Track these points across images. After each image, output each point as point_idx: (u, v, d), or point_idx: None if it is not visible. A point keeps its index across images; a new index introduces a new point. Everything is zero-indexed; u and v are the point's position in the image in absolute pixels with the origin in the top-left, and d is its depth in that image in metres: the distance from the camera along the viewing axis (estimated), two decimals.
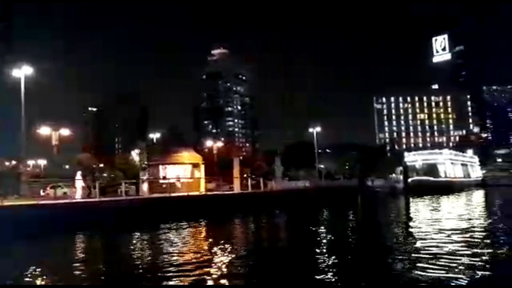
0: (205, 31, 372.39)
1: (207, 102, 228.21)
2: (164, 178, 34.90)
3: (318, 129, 71.87)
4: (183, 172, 35.36)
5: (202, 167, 36.78)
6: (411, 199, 47.36)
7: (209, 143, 40.77)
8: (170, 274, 11.44)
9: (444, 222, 24.15)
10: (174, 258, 14.12)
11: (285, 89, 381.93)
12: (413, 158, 64.53)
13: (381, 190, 56.86)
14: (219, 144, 41.77)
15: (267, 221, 27.63)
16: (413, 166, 62.37)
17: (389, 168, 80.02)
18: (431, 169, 61.46)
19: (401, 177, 66.72)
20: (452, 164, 68.09)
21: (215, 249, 15.33)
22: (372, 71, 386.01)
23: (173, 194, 31.04)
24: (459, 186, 66.38)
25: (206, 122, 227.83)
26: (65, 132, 29.85)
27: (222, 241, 17.04)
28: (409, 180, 59.04)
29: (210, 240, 18.87)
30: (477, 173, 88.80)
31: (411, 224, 24.21)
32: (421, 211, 33.38)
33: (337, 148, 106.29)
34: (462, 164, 75.90)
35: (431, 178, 58.97)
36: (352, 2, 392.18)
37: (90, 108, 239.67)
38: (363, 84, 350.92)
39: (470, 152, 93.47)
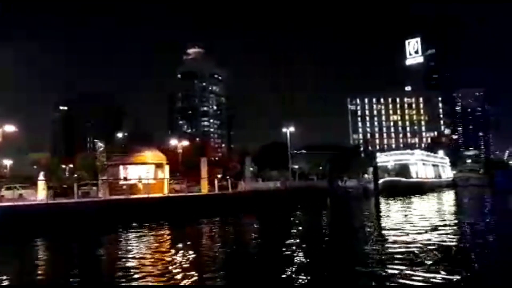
0: (181, 30, 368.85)
1: (182, 102, 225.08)
2: (125, 179, 33.08)
3: (292, 129, 70.99)
4: (145, 172, 33.57)
5: (167, 167, 35.07)
6: (382, 200, 47.06)
7: (173, 142, 38.60)
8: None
9: (411, 223, 23.64)
10: (121, 264, 13.12)
11: (262, 89, 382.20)
12: (385, 159, 64.33)
13: (353, 190, 56.30)
14: (185, 143, 39.67)
15: (231, 224, 26.25)
16: (385, 167, 62.18)
17: (362, 168, 79.88)
18: (403, 169, 61.44)
19: (369, 177, 66.71)
20: (423, 164, 68.44)
21: (168, 255, 14.37)
22: (348, 72, 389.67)
23: (133, 196, 29.49)
24: (430, 187, 66.81)
25: (181, 122, 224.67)
26: (10, 128, 27.59)
27: (178, 247, 16.06)
28: (381, 180, 58.81)
29: (166, 245, 17.74)
30: (447, 173, 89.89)
31: (376, 225, 23.63)
32: (388, 212, 32.88)
33: (311, 148, 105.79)
34: (434, 165, 76.50)
35: (403, 179, 58.95)
36: (328, 2, 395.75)
37: (61, 108, 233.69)
38: (338, 84, 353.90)
39: (441, 153, 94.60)
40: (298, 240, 18.28)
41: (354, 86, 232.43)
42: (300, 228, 24.66)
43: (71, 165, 52.32)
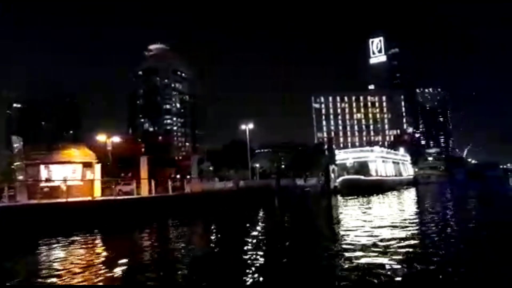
0: (145, 29, 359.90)
1: (143, 99, 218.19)
2: (48, 180, 28.91)
3: (251, 126, 68.36)
4: (71, 173, 29.53)
5: (97, 167, 31.06)
6: (340, 199, 45.10)
7: (101, 137, 34.52)
8: None
9: (357, 221, 21.79)
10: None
11: (227, 88, 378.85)
12: (344, 156, 62.10)
13: (311, 189, 54.04)
14: (115, 139, 35.64)
15: (163, 231, 23.04)
16: (343, 165, 60.09)
17: (324, 166, 78.26)
18: (362, 167, 59.42)
19: (333, 175, 64.60)
20: (383, 162, 66.79)
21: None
22: (313, 71, 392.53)
23: (57, 200, 25.60)
24: (390, 185, 65.34)
25: (142, 120, 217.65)
26: None
27: (99, 260, 14.12)
28: (340, 179, 56.67)
29: (88, 258, 14.81)
30: (409, 171, 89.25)
31: (324, 225, 21.96)
32: (339, 210, 30.79)
33: (274, 147, 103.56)
34: (394, 162, 75.17)
35: (362, 177, 56.92)
36: (296, 3, 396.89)
37: (14, 105, 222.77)
38: (303, 83, 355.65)
39: (402, 150, 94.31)
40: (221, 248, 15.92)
41: (319, 85, 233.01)
42: (233, 232, 21.73)
43: None
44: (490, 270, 10.83)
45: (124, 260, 13.34)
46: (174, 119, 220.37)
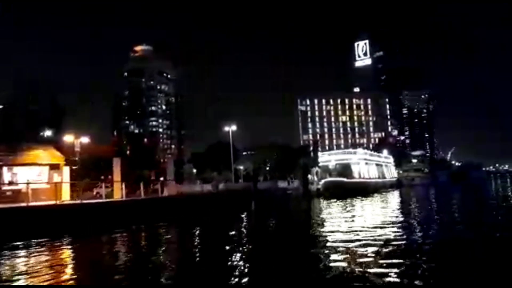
0: (129, 29, 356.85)
1: (128, 101, 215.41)
2: (11, 183, 27.47)
3: (234, 127, 67.48)
4: (37, 175, 28.10)
5: (66, 169, 29.66)
6: (322, 201, 44.34)
7: (68, 138, 33.05)
8: None
9: (336, 227, 20.88)
10: None
11: (212, 89, 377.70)
12: (327, 158, 61.52)
13: (294, 192, 53.14)
14: (84, 139, 34.08)
15: (131, 237, 21.84)
16: (326, 167, 59.48)
17: (302, 169, 77.82)
18: (345, 169, 58.90)
19: (316, 178, 63.98)
20: (366, 164, 66.41)
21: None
22: (299, 74, 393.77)
23: (18, 205, 24.23)
24: (374, 187, 64.99)
25: (127, 122, 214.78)
26: None
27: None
28: (322, 181, 56.09)
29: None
30: (392, 173, 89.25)
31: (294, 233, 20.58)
32: (319, 213, 29.97)
33: (259, 148, 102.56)
34: (377, 165, 74.98)
35: (345, 179, 56.41)
36: (284, 3, 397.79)
37: None
38: (290, 86, 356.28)
39: (385, 152, 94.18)
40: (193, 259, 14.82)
41: (305, 88, 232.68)
42: (205, 239, 20.73)
43: None
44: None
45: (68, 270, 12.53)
46: (160, 120, 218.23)
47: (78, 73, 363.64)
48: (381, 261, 12.03)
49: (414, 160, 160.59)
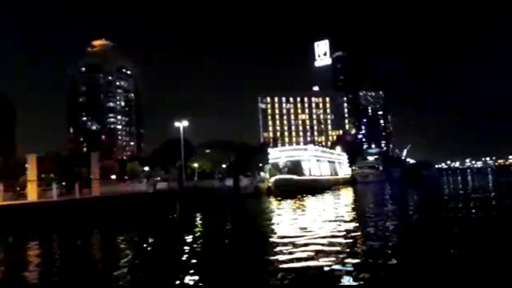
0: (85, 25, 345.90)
1: (85, 97, 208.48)
2: None
3: (185, 123, 66.39)
4: None
5: None
6: (271, 200, 43.91)
7: None
8: None
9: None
10: None
11: (171, 86, 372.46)
12: (277, 155, 61.53)
13: (242, 190, 52.44)
14: None
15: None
16: (276, 164, 59.59)
17: (261, 166, 77.84)
18: (295, 166, 59.12)
19: (267, 175, 64.06)
20: (317, 161, 67.10)
21: None
22: (261, 73, 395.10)
23: None
24: (325, 184, 65.52)
25: (84, 118, 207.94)
26: None
27: None
28: (272, 179, 56.13)
29: None
30: (345, 170, 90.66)
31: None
32: (258, 214, 29.55)
33: (214, 145, 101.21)
34: (330, 161, 75.95)
35: (295, 177, 56.53)
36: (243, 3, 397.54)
37: None
38: (252, 84, 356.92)
39: (338, 149, 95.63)
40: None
41: (267, 86, 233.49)
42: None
43: None
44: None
45: None
46: (119, 117, 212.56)
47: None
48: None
49: (370, 158, 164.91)
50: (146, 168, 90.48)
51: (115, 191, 39.11)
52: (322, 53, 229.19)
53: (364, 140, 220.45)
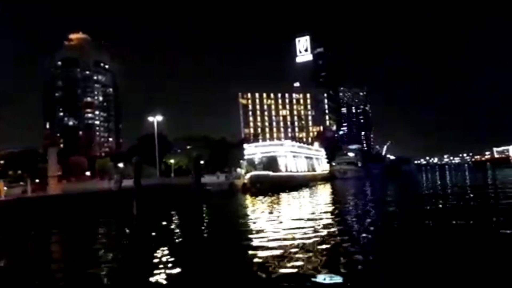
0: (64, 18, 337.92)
1: (62, 92, 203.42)
2: None
3: (159, 117, 64.79)
4: None
5: None
6: (246, 198, 42.84)
7: None
8: None
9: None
10: None
11: (157, 85, 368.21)
12: (253, 151, 60.30)
13: (215, 187, 51.08)
14: None
15: None
16: (251, 160, 58.49)
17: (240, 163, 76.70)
18: (271, 162, 58.09)
19: (243, 171, 62.95)
20: (294, 157, 66.15)
21: None
22: (243, 69, 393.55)
23: None
24: (302, 181, 64.71)
25: (61, 114, 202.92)
26: None
27: None
28: (248, 175, 55.06)
29: None
30: (323, 166, 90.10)
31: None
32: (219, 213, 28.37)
33: (192, 141, 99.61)
34: (307, 157, 75.11)
35: (271, 173, 55.59)
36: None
37: None
38: (233, 80, 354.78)
39: (316, 145, 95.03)
40: None
41: (248, 83, 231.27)
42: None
43: None
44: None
45: None
46: (97, 112, 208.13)
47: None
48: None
49: (351, 154, 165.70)
50: (120, 165, 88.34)
51: (76, 189, 37.47)
52: (303, 49, 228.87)
53: (344, 136, 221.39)
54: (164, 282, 10.46)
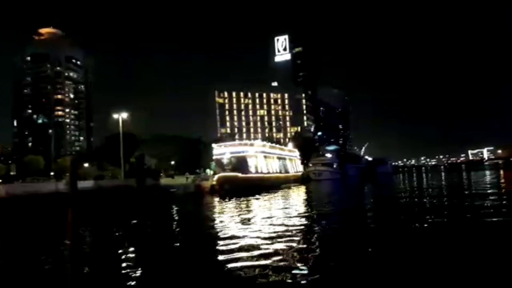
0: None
1: (31, 89, 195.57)
2: None
3: (124, 115, 60.66)
4: None
5: None
6: (213, 201, 39.63)
7: None
8: None
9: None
10: None
11: (125, 83, 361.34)
12: (221, 151, 56.86)
13: (181, 189, 47.78)
14: None
15: None
16: (220, 160, 55.22)
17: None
18: (240, 163, 54.92)
19: (212, 172, 59.68)
20: (265, 158, 63.00)
21: None
22: (220, 69, 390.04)
23: None
24: (274, 182, 61.91)
25: (30, 111, 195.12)
26: None
27: None
28: (215, 177, 51.88)
29: None
30: (298, 167, 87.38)
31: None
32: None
33: (160, 140, 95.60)
34: (280, 158, 72.08)
35: (239, 174, 52.54)
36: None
37: None
38: (210, 79, 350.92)
39: (290, 145, 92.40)
40: None
41: (226, 81, 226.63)
42: None
43: None
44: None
45: None
46: (67, 110, 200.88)
47: None
48: None
49: (328, 155, 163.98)
50: (86, 165, 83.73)
51: (22, 191, 33.54)
52: (282, 48, 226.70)
53: (322, 137, 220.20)
54: None
